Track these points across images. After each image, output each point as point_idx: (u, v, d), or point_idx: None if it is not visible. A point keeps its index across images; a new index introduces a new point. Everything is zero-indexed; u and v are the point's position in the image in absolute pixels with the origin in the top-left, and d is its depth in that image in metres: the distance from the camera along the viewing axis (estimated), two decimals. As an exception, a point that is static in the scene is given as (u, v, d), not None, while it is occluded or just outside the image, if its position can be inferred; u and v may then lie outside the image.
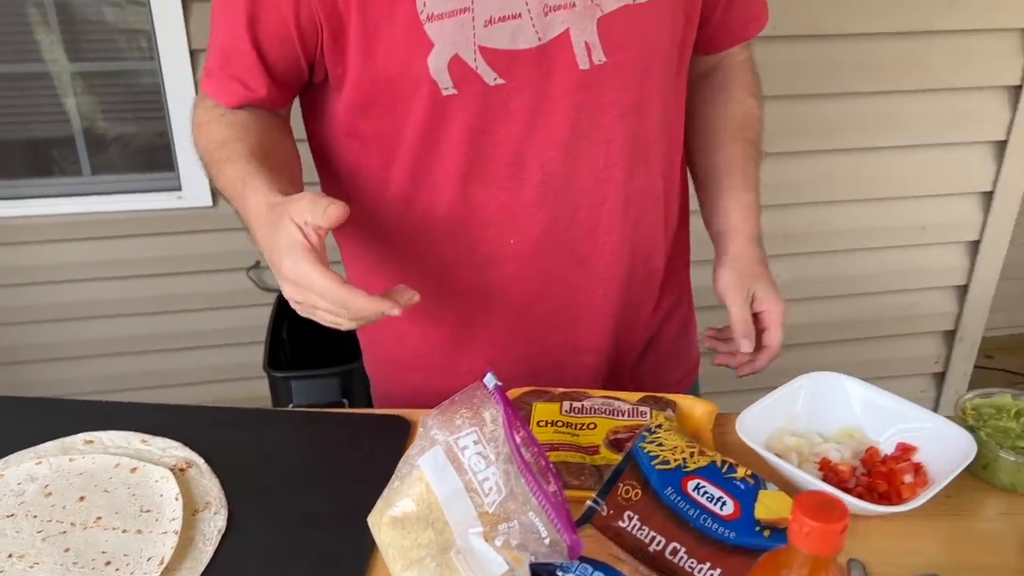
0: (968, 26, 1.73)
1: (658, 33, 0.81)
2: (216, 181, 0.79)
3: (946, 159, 1.84)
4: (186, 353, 2.13)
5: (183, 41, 1.86)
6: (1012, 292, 2.68)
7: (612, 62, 0.78)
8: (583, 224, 0.84)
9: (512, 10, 0.74)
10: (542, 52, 0.76)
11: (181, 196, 2.00)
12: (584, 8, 0.76)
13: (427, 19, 0.73)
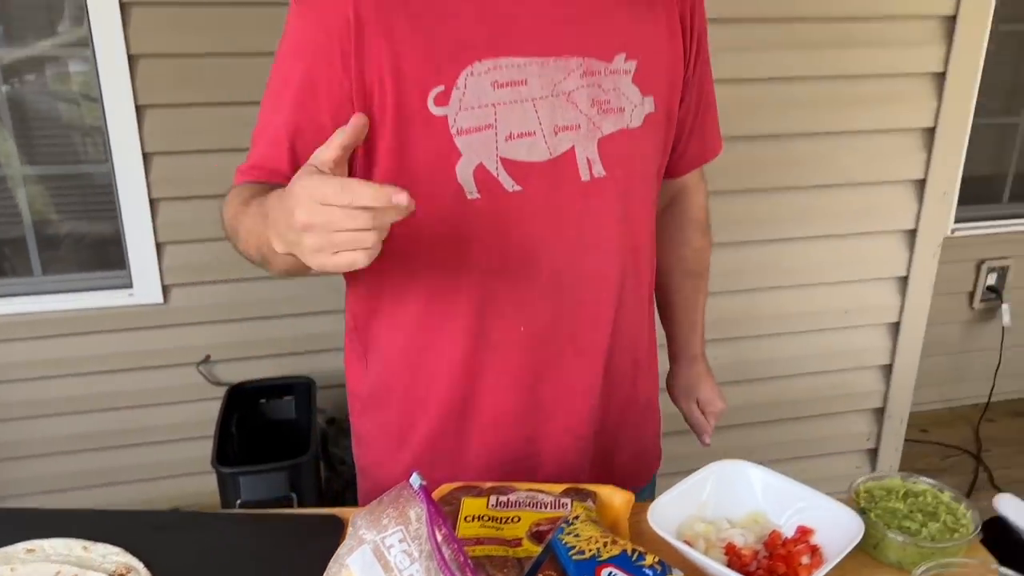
0: (875, 127, 1.87)
1: (644, 155, 0.96)
2: (242, 229, 0.83)
3: (863, 247, 1.97)
4: (135, 450, 2.13)
5: (136, 143, 1.93)
6: (942, 368, 2.81)
7: (609, 176, 0.92)
8: (584, 316, 0.96)
9: (528, 128, 0.88)
10: (552, 165, 0.89)
11: (132, 293, 2.03)
12: (587, 130, 0.90)
13: (457, 133, 0.86)
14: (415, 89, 0.84)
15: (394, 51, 0.83)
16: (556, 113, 0.88)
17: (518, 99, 0.87)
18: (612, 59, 0.90)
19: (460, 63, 0.85)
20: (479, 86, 0.85)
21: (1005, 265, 2.75)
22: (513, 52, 0.86)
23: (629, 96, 0.92)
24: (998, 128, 2.67)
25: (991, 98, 2.58)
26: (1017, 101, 2.65)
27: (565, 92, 0.88)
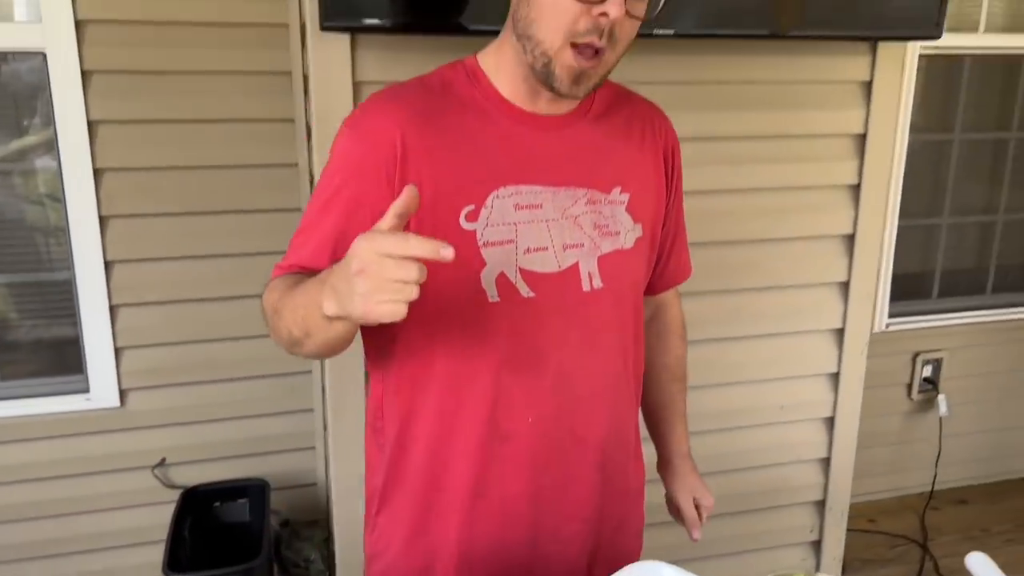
0: (799, 234, 2.01)
1: (634, 271, 1.13)
2: (288, 306, 0.93)
3: (794, 345, 2.08)
4: (87, 556, 2.12)
5: (98, 251, 2.00)
6: (886, 458, 2.90)
7: (606, 287, 1.07)
8: (584, 409, 1.09)
9: (542, 244, 1.03)
10: (560, 276, 1.04)
11: (89, 398, 2.07)
12: (590, 248, 1.06)
13: (484, 245, 1.00)
14: (449, 207, 0.98)
15: (433, 175, 0.98)
16: (565, 233, 1.04)
17: (535, 220, 1.02)
18: (610, 191, 1.07)
19: (488, 187, 1.00)
20: (504, 207, 1.01)
21: (939, 357, 2.88)
22: (532, 181, 1.02)
23: (623, 222, 1.08)
24: (925, 229, 2.84)
25: (917, 201, 2.78)
26: (939, 204, 2.83)
27: (573, 216, 1.04)
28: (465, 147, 1.01)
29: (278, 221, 2.06)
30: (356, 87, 1.63)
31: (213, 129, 2.03)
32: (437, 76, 1.05)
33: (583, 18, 0.93)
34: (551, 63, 0.95)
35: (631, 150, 1.11)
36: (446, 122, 1.01)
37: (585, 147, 1.07)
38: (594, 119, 1.09)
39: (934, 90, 2.72)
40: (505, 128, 1.03)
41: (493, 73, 1.04)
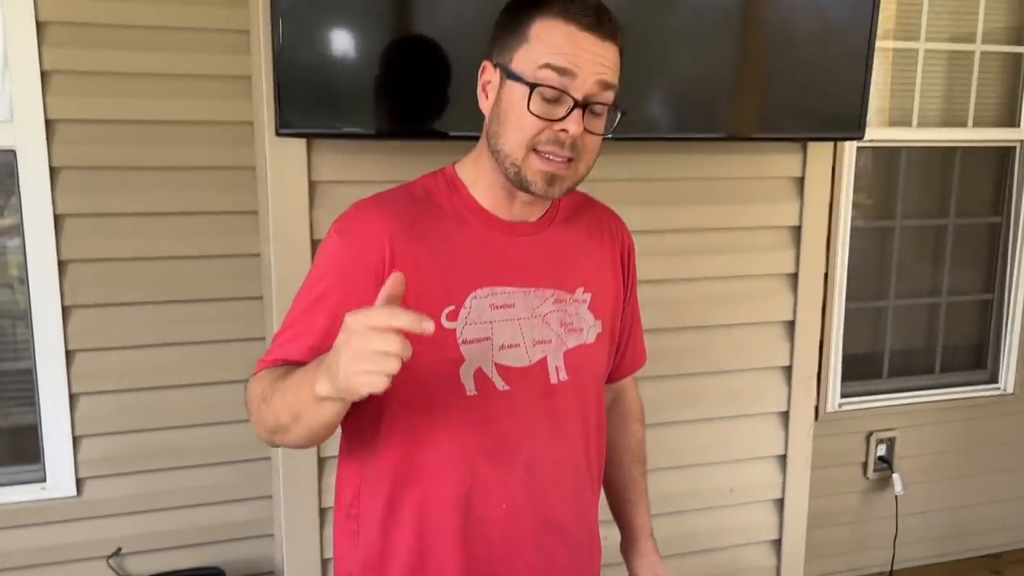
0: (741, 320, 2.09)
1: (596, 364, 1.22)
2: (277, 394, 0.99)
3: (741, 428, 2.14)
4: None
5: (60, 340, 2.03)
6: (845, 537, 2.92)
7: (570, 380, 1.16)
8: (552, 496, 1.15)
9: (515, 341, 1.12)
10: (531, 370, 1.13)
11: (45, 487, 2.06)
12: (556, 344, 1.15)
13: (463, 342, 1.08)
14: (432, 307, 1.05)
15: (417, 278, 1.03)
16: (535, 330, 1.13)
17: (509, 318, 1.11)
18: (575, 291, 1.18)
19: (467, 289, 1.09)
20: (481, 307, 1.09)
21: (892, 436, 2.93)
22: (505, 283, 1.12)
23: (586, 319, 1.18)
24: (873, 311, 2.94)
25: (865, 285, 2.88)
26: (886, 287, 2.94)
27: (541, 315, 1.14)
28: (446, 252, 1.09)
29: (240, 309, 2.11)
30: (312, 186, 1.71)
31: (177, 221, 2.09)
32: (420, 185, 1.15)
33: (545, 132, 1.03)
34: (521, 171, 1.05)
35: (593, 253, 1.22)
36: (429, 229, 1.10)
37: (552, 251, 1.17)
38: (560, 225, 1.19)
39: (877, 180, 2.86)
40: (481, 234, 1.12)
41: (471, 183, 1.14)
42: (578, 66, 1.02)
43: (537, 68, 1.03)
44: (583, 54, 1.03)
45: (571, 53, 1.02)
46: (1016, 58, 2.82)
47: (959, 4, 2.74)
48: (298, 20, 1.57)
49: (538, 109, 1.03)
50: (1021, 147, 2.89)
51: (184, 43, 1.98)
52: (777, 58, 1.90)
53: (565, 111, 1.03)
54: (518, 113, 1.04)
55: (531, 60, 1.04)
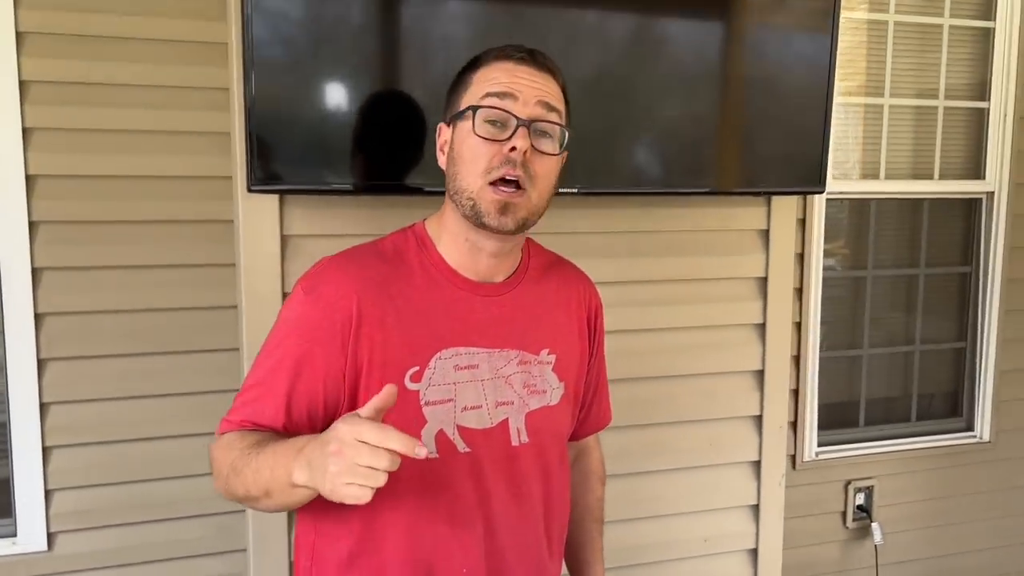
0: (710, 370, 2.12)
1: (559, 425, 1.23)
2: (250, 467, 0.99)
3: (713, 478, 2.15)
4: None
5: (35, 394, 2.03)
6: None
7: (532, 442, 1.16)
8: (511, 559, 1.15)
9: (477, 402, 1.12)
10: (492, 432, 1.13)
11: (16, 542, 2.05)
12: (519, 406, 1.15)
13: (426, 404, 1.09)
14: (396, 369, 1.07)
15: (383, 339, 1.06)
16: (498, 391, 1.13)
17: (472, 379, 1.12)
18: (539, 352, 1.18)
19: (432, 350, 1.09)
20: (445, 368, 1.10)
21: (870, 485, 2.94)
22: (470, 343, 1.12)
23: (550, 381, 1.19)
24: (849, 359, 2.97)
25: (840, 334, 2.92)
26: (860, 336, 2.97)
27: (505, 376, 1.14)
28: (412, 313, 1.10)
29: (217, 361, 2.12)
30: (284, 240, 1.74)
31: (156, 274, 2.11)
32: (390, 242, 1.16)
33: (495, 156, 1.05)
34: (476, 203, 1.07)
35: (559, 315, 1.23)
36: (396, 288, 1.10)
37: (519, 311, 1.17)
38: (528, 284, 1.20)
39: (849, 231, 2.91)
40: (449, 294, 1.13)
41: (437, 239, 1.15)
42: (517, 89, 1.06)
43: (479, 100, 1.08)
44: (521, 80, 1.07)
45: (509, 80, 1.07)
46: (979, 113, 2.90)
47: (922, 61, 2.83)
48: (270, 76, 1.60)
49: (484, 131, 1.06)
50: (987, 199, 2.95)
51: (167, 101, 2.02)
52: (740, 115, 1.96)
53: (511, 131, 1.06)
54: (468, 145, 1.07)
55: (471, 97, 1.09)
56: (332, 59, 1.66)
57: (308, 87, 1.65)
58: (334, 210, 1.72)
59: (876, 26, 2.72)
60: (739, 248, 2.10)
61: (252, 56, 1.59)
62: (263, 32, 1.60)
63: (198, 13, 1.98)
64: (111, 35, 1.97)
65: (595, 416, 1.37)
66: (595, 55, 1.82)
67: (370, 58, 1.70)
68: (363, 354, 1.07)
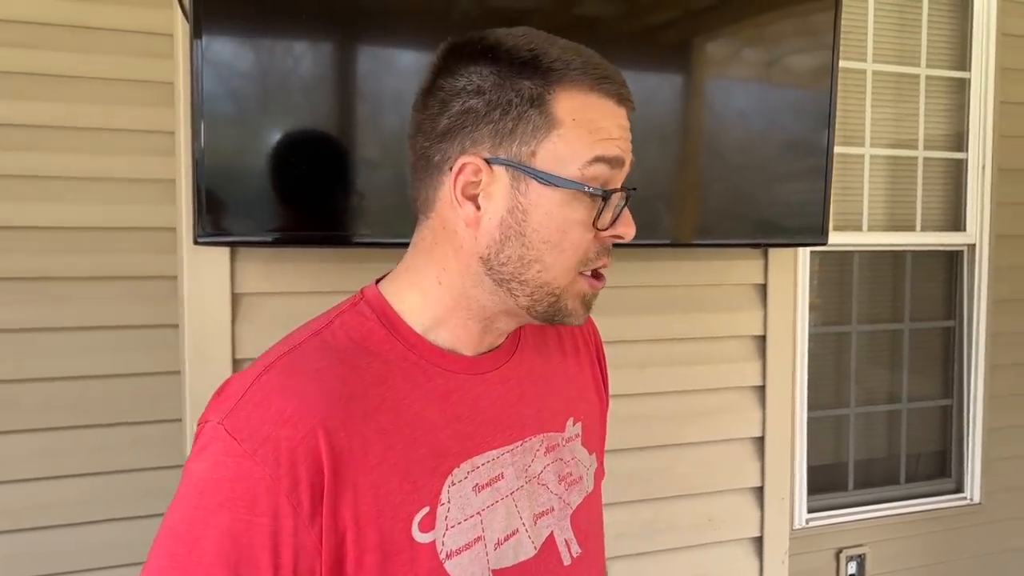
0: (709, 438, 1.95)
1: (600, 513, 0.95)
2: None
3: (714, 558, 1.97)
4: None
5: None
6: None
7: (584, 550, 0.88)
8: None
9: (512, 527, 0.81)
10: (538, 560, 0.83)
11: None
12: (560, 509, 0.86)
13: (447, 557, 0.76)
14: (397, 518, 0.74)
15: (372, 482, 0.73)
16: (533, 500, 0.83)
17: (499, 497, 0.81)
18: (564, 427, 0.89)
19: (440, 475, 0.77)
20: (462, 495, 0.78)
21: (863, 553, 2.79)
22: (486, 447, 0.81)
23: (582, 460, 0.91)
24: (834, 420, 2.84)
25: (824, 394, 2.79)
26: (845, 395, 2.85)
27: (535, 476, 0.84)
28: (403, 428, 0.76)
29: (157, 434, 1.89)
30: (235, 299, 1.54)
31: (89, 336, 1.89)
32: (339, 331, 0.79)
33: (593, 246, 0.78)
34: (559, 300, 0.79)
35: (570, 368, 0.94)
36: (375, 400, 0.75)
37: (529, 380, 0.87)
38: (529, 343, 0.90)
39: (830, 285, 2.81)
40: (442, 385, 0.79)
41: (410, 313, 0.81)
42: (624, 151, 0.78)
43: (586, 164, 0.75)
44: (625, 135, 0.79)
45: (617, 136, 0.77)
46: (958, 164, 2.85)
47: (901, 111, 2.78)
48: (221, 126, 1.45)
49: (602, 222, 0.77)
50: (968, 251, 2.88)
51: (106, 145, 1.82)
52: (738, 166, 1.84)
53: (612, 212, 0.78)
54: (565, 230, 0.76)
55: (572, 154, 0.75)
56: (286, 109, 1.53)
57: (260, 137, 1.51)
58: (294, 265, 1.53)
59: (855, 75, 2.65)
60: (736, 304, 1.96)
61: (202, 107, 1.44)
62: (213, 82, 1.46)
63: (141, 51, 1.80)
64: (41, 72, 1.77)
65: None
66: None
67: (325, 109, 1.57)
68: (346, 512, 0.71)
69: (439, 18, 1.58)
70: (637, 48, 1.75)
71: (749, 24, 1.86)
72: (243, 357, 1.58)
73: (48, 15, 1.75)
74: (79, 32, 1.78)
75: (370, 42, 1.56)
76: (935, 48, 2.78)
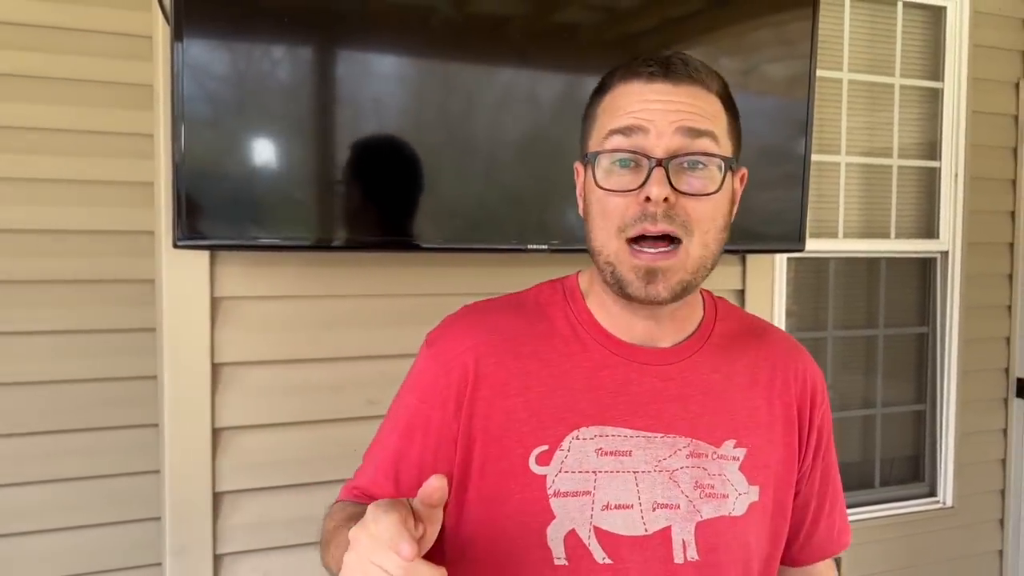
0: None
1: (745, 544, 0.91)
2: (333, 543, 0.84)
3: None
4: None
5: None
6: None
7: (704, 561, 0.88)
8: None
9: (626, 501, 0.87)
10: (646, 541, 0.87)
11: None
12: (687, 511, 0.88)
13: (553, 494, 0.85)
14: (519, 445, 0.87)
15: (506, 407, 0.88)
16: (657, 490, 0.87)
17: (620, 469, 0.87)
18: (721, 444, 0.90)
19: (567, 426, 0.87)
20: (583, 451, 0.87)
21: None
22: (621, 423, 0.88)
23: (735, 484, 0.90)
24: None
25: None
26: (821, 399, 2.87)
27: (669, 470, 0.88)
28: (547, 378, 0.89)
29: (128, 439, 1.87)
30: (215, 303, 1.53)
31: (64, 340, 1.87)
32: (534, 293, 0.97)
33: (630, 208, 0.84)
34: (616, 270, 0.86)
35: (755, 397, 0.93)
36: (530, 348, 0.90)
37: (694, 388, 0.91)
38: (710, 355, 0.93)
39: (807, 291, 2.84)
40: (597, 359, 0.90)
41: (588, 293, 0.95)
42: (648, 119, 0.84)
43: (603, 139, 0.86)
44: (652, 104, 0.84)
45: (636, 108, 0.85)
46: (931, 172, 2.89)
47: (876, 120, 2.82)
48: (200, 130, 1.44)
49: (610, 181, 0.85)
50: (941, 258, 2.93)
51: (82, 147, 1.81)
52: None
53: (645, 175, 0.83)
54: (596, 197, 0.87)
55: (598, 138, 0.88)
56: (266, 113, 1.54)
57: (240, 140, 1.51)
58: (275, 268, 1.52)
59: (831, 85, 2.69)
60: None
61: (182, 110, 1.45)
62: (193, 86, 1.47)
63: (120, 52, 1.78)
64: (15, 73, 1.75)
65: (821, 539, 1.05)
66: (570, 117, 1.70)
67: (304, 113, 1.57)
68: (478, 422, 0.88)
69: (418, 24, 1.59)
70: (618, 56, 1.76)
71: (728, 33, 1.88)
72: (222, 361, 1.57)
73: (25, 16, 1.73)
74: (56, 33, 1.76)
75: (349, 47, 1.57)
76: (909, 59, 2.82)
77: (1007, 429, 3.01)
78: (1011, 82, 2.88)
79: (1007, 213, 2.94)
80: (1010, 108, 2.88)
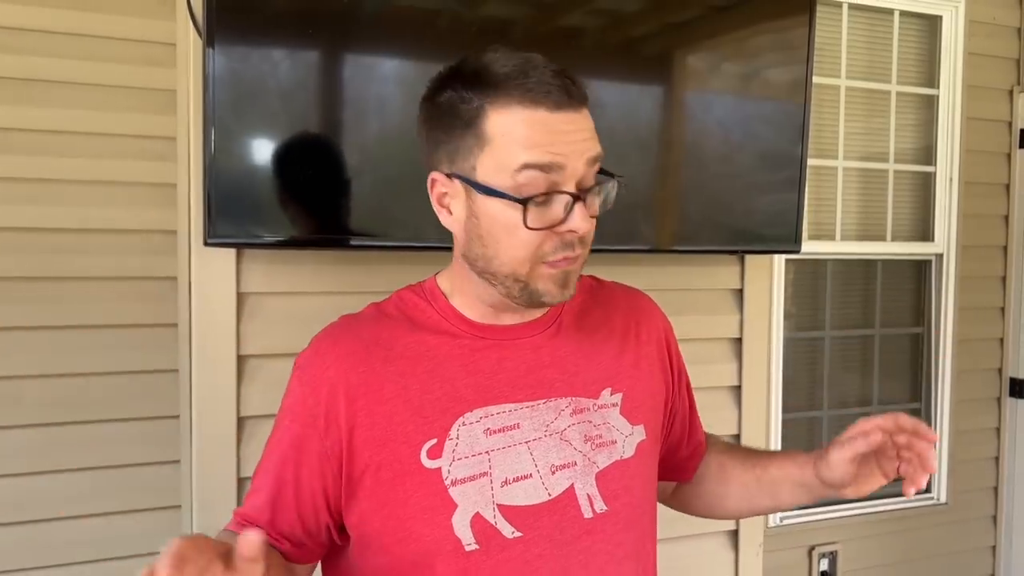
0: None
1: (643, 484, 0.98)
2: None
3: (689, 549, 2.05)
4: None
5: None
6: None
7: (611, 509, 0.93)
8: None
9: (524, 471, 0.90)
10: (552, 505, 0.90)
11: (-87, 641, 1.80)
12: (584, 466, 0.92)
13: (451, 484, 0.87)
14: (407, 444, 0.88)
15: (387, 412, 0.89)
16: (551, 453, 0.91)
17: (512, 443, 0.90)
18: (599, 395, 0.96)
19: (452, 415, 0.90)
20: (472, 435, 0.89)
21: (834, 550, 2.88)
22: (503, 399, 0.91)
23: (619, 428, 0.96)
24: (807, 422, 2.93)
25: (798, 396, 2.88)
26: (818, 397, 2.94)
27: (558, 431, 0.92)
28: (422, 374, 0.91)
29: (149, 431, 1.94)
30: (240, 298, 1.61)
31: (87, 335, 1.93)
32: (394, 300, 0.98)
33: (548, 241, 0.86)
34: (528, 285, 0.88)
35: (615, 345, 1.00)
36: (398, 349, 0.92)
37: (564, 351, 0.96)
38: (572, 319, 0.99)
39: (804, 291, 2.91)
40: (466, 345, 0.93)
41: (450, 294, 0.97)
42: (562, 154, 0.83)
43: (515, 172, 0.84)
44: (563, 137, 0.84)
45: (550, 143, 0.83)
46: (926, 176, 2.96)
47: (872, 126, 2.89)
48: (230, 127, 1.51)
49: (537, 222, 0.84)
50: (936, 260, 2.99)
51: (106, 150, 1.88)
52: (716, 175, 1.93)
53: (564, 210, 0.85)
54: (509, 231, 0.85)
55: (502, 165, 0.84)
56: (292, 117, 1.60)
57: (268, 138, 1.57)
58: (294, 266, 1.60)
59: (829, 91, 2.76)
60: (714, 308, 2.05)
61: (213, 114, 1.51)
62: (223, 91, 1.52)
63: (144, 59, 1.85)
64: (43, 79, 1.82)
65: (698, 431, 1.14)
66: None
67: (328, 117, 1.63)
68: (361, 432, 0.89)
69: (445, 30, 1.64)
70: (619, 60, 1.83)
71: (728, 39, 1.94)
72: (247, 353, 1.64)
73: (51, 24, 1.80)
74: (81, 40, 1.83)
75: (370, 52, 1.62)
76: (905, 66, 2.89)
77: (1000, 428, 3.08)
78: (1005, 89, 2.95)
79: (1001, 217, 3.01)
80: (1004, 114, 2.95)
